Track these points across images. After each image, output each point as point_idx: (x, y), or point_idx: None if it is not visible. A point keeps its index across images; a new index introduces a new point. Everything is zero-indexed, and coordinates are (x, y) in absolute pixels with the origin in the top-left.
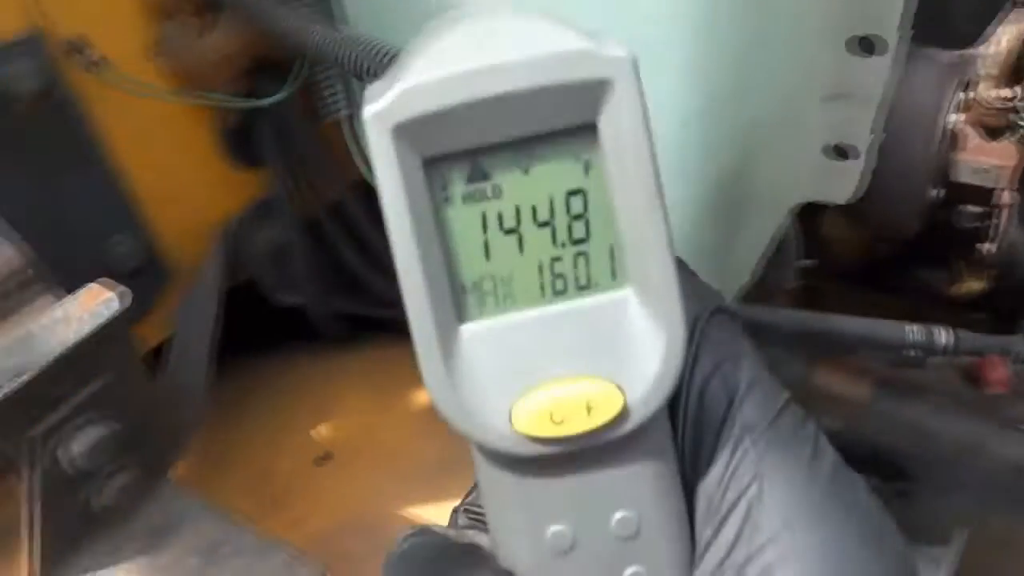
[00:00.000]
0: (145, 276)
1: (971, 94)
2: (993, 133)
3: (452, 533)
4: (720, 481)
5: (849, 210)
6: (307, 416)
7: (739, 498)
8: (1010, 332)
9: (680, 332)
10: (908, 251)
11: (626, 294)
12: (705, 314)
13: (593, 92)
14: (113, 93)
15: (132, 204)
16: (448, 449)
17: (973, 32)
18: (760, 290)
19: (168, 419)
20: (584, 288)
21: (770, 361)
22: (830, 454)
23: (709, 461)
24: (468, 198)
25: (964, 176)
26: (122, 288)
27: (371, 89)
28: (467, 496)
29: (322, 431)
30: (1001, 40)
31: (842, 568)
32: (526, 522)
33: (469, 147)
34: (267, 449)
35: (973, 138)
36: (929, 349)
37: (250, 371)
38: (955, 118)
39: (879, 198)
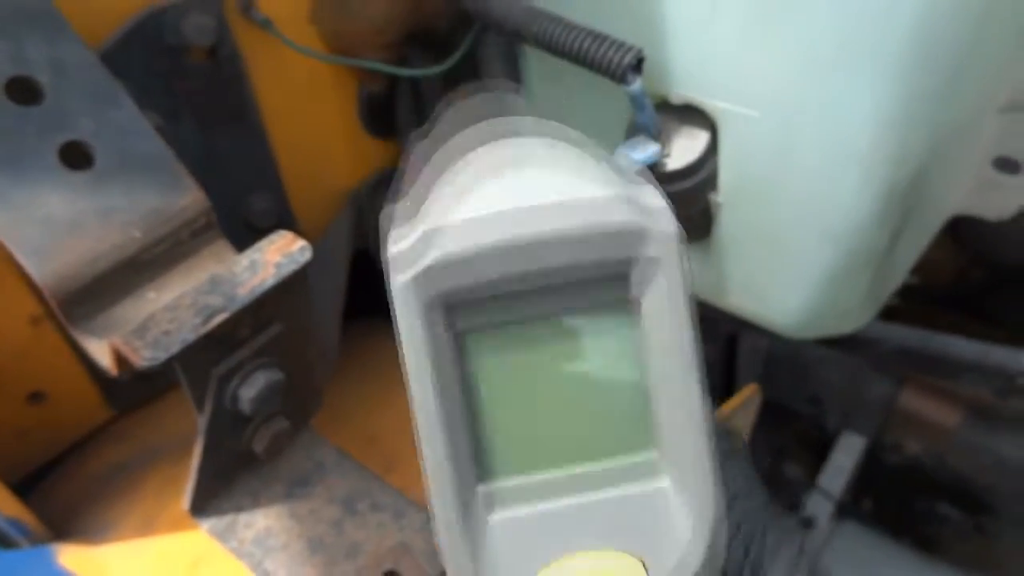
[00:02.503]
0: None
1: None
2: None
3: None
4: None
5: (951, 229)
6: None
7: None
8: None
9: (710, 511)
10: (1003, 279)
11: (657, 466)
12: (721, 457)
13: (636, 267)
14: (270, 54)
15: (274, 162)
16: None
17: None
18: None
19: (316, 372)
20: (613, 456)
21: (855, 374)
22: None
23: None
24: (498, 364)
25: None
26: (305, 242)
27: (395, 233)
28: None
29: None
30: None
31: None
32: None
33: (503, 319)
34: (377, 410)
35: None
36: None
37: (362, 336)
38: None
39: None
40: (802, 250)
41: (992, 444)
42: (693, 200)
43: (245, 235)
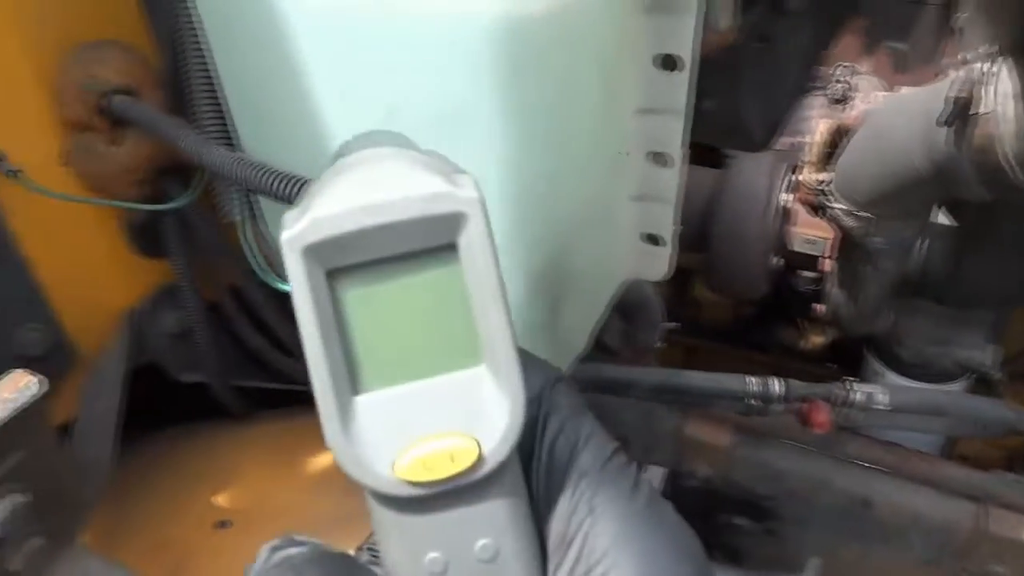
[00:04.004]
0: (53, 360)
1: (798, 177)
2: (814, 210)
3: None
4: (565, 515)
5: (707, 277)
6: (207, 485)
7: (579, 528)
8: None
9: (521, 397)
10: (767, 312)
11: (480, 370)
12: (550, 383)
13: (453, 221)
14: (27, 198)
15: (42, 295)
16: (341, 507)
17: (766, 137)
18: (631, 351)
19: (74, 490)
20: (450, 365)
21: (647, 413)
22: (645, 487)
23: (557, 500)
24: (361, 300)
25: (797, 246)
26: (40, 376)
27: (287, 217)
28: (368, 538)
29: (221, 499)
30: (818, 132)
31: (656, 572)
32: (408, 552)
33: (361, 261)
34: (168, 517)
35: (802, 213)
36: (766, 398)
37: (154, 444)
38: (787, 197)
39: (729, 266)
40: None
41: (761, 457)
42: None
43: (18, 366)
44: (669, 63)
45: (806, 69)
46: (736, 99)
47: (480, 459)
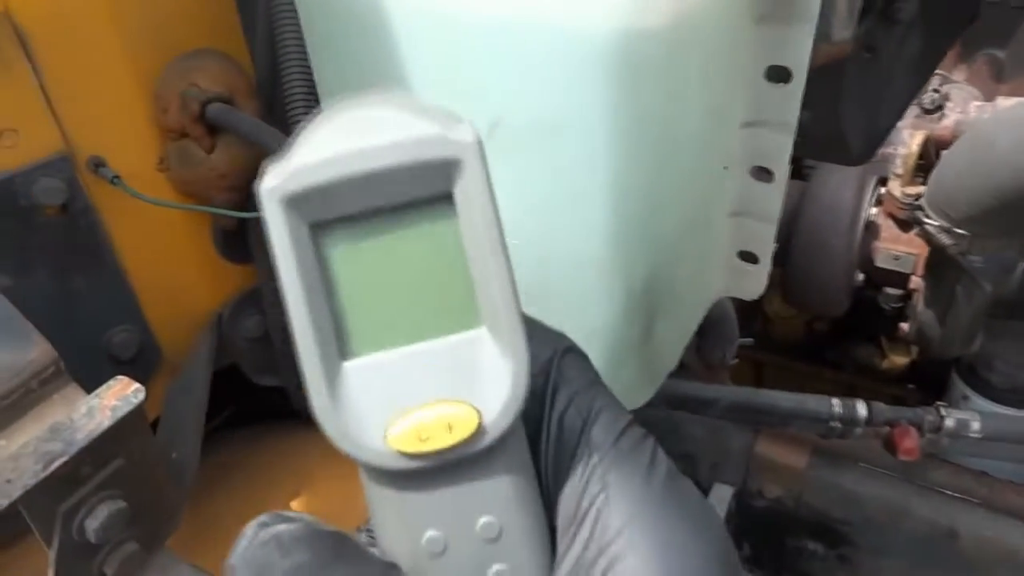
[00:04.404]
0: (142, 361)
1: (885, 189)
2: (903, 225)
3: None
4: (575, 492)
5: (785, 293)
6: (283, 489)
7: (591, 505)
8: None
9: (524, 362)
10: (842, 329)
11: (481, 332)
12: (558, 354)
13: (447, 168)
14: (124, 202)
15: (133, 297)
16: None
17: (866, 151)
18: (703, 366)
19: (168, 496)
20: (447, 328)
21: (717, 430)
22: (664, 463)
23: (567, 477)
24: (348, 256)
25: (882, 262)
26: (140, 384)
27: (268, 166)
28: (368, 520)
29: (296, 504)
30: (909, 143)
31: (674, 553)
32: (404, 530)
33: (348, 213)
34: (248, 520)
35: (888, 228)
36: (850, 421)
37: (232, 445)
38: (874, 210)
39: (810, 281)
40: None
41: (837, 480)
42: None
43: (109, 367)
44: (779, 75)
45: (914, 82)
46: (836, 111)
47: (481, 429)
